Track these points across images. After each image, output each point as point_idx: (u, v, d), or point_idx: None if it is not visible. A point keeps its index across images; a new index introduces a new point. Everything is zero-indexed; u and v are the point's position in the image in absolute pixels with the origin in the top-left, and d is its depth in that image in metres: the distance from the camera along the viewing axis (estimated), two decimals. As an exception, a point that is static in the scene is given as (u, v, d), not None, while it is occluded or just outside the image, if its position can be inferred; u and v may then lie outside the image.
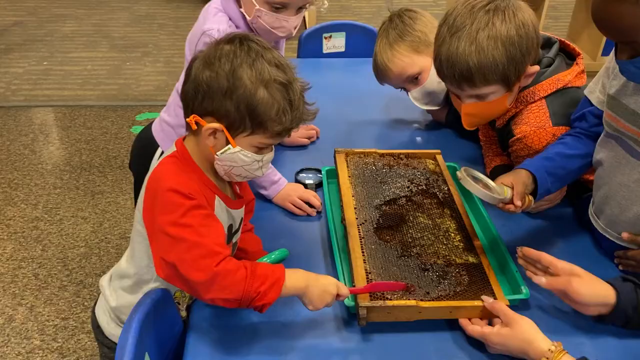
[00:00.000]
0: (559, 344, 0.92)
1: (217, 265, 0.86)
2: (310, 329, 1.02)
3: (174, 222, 0.87)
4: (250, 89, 0.87)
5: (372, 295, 1.00)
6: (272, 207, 1.32)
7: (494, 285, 1.05)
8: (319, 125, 1.59)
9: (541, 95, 1.24)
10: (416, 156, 1.39)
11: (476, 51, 1.13)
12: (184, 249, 0.87)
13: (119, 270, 1.06)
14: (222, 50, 0.90)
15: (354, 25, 2.13)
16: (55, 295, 2.02)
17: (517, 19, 1.14)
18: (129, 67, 3.65)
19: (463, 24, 1.15)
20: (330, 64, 2.04)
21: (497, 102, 1.21)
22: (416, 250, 1.12)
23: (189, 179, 0.93)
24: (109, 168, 2.69)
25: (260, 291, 0.88)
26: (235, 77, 0.87)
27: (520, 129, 1.25)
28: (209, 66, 0.89)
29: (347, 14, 4.49)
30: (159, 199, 0.90)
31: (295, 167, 1.42)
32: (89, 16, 4.34)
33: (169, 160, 0.96)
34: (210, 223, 0.91)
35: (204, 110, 0.90)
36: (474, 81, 1.16)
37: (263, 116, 0.89)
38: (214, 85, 0.88)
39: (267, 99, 0.88)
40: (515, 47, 1.14)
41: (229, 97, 0.88)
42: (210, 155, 0.94)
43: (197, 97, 0.90)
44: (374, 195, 1.25)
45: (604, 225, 1.16)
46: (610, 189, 1.11)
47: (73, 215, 2.40)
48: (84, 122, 3.06)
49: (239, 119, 0.89)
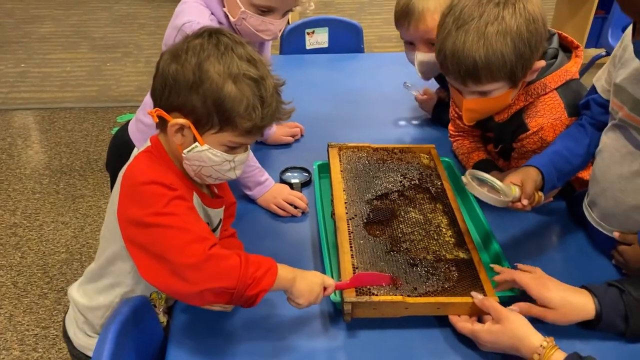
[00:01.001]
0: (551, 340, 0.89)
1: (210, 249, 0.82)
2: (295, 328, 0.99)
3: (157, 212, 0.83)
4: (217, 82, 0.84)
5: (358, 290, 0.97)
6: (257, 208, 1.28)
7: (484, 281, 1.02)
8: (303, 123, 1.55)
9: (552, 87, 1.20)
10: (410, 151, 1.36)
11: (484, 47, 1.07)
12: (171, 236, 0.82)
13: (89, 273, 1.02)
14: (190, 43, 0.86)
15: (336, 20, 2.10)
16: (35, 304, 1.96)
17: (528, 12, 1.09)
18: (109, 68, 3.58)
19: (471, 17, 1.09)
20: (313, 60, 2.01)
21: (500, 97, 1.17)
22: (406, 246, 1.09)
23: (166, 172, 0.89)
24: (89, 171, 2.63)
25: (256, 277, 0.84)
26: (202, 71, 0.84)
27: (537, 121, 1.21)
28: (175, 59, 0.85)
29: (330, 10, 4.46)
30: (138, 193, 0.85)
31: (280, 166, 1.39)
32: (67, 17, 4.26)
33: (144, 154, 0.92)
34: (194, 214, 0.88)
35: (170, 105, 0.87)
36: (479, 78, 1.11)
37: (231, 112, 0.85)
38: (180, 78, 0.84)
39: (235, 93, 0.84)
40: (525, 43, 1.09)
41: (195, 91, 0.84)
42: (179, 153, 0.90)
43: (164, 91, 0.86)
44: (366, 189, 1.22)
45: (597, 219, 1.14)
46: (607, 181, 1.09)
47: (53, 220, 2.33)
48: (64, 125, 2.99)
49: (206, 115, 0.85)
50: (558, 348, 0.88)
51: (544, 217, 1.28)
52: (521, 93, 1.22)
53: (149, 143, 0.94)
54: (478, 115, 1.23)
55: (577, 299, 0.96)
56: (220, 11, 1.26)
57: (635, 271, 1.08)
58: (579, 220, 1.21)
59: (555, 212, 1.29)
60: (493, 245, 1.14)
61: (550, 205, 1.30)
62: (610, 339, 0.97)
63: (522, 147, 1.25)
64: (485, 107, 1.19)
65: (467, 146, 1.40)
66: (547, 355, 0.87)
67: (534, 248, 1.19)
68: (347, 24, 2.09)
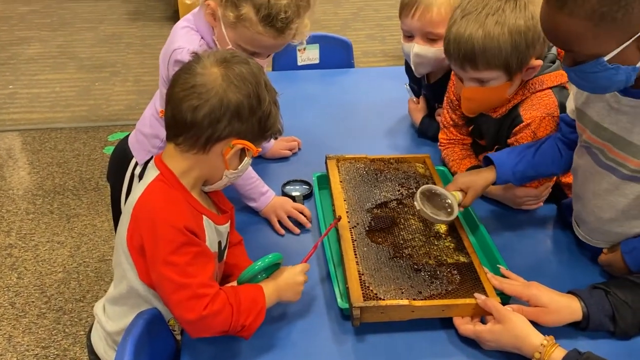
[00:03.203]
0: (551, 338, 0.93)
1: (205, 308, 0.88)
2: (304, 334, 1.02)
3: (162, 259, 0.88)
4: (269, 108, 0.95)
5: (365, 295, 1.01)
6: (261, 221, 1.31)
7: (485, 283, 1.06)
8: (299, 137, 1.59)
9: (548, 85, 1.27)
10: (406, 160, 1.41)
11: (483, 34, 1.16)
12: (170, 290, 0.88)
13: (110, 296, 1.04)
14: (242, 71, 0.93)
15: (327, 37, 2.15)
16: (34, 324, 1.95)
17: (528, 10, 1.17)
18: (98, 88, 3.59)
19: (475, 8, 1.19)
20: (305, 76, 2.05)
21: (497, 89, 1.24)
22: (408, 252, 1.13)
23: (180, 207, 0.92)
24: (83, 190, 2.64)
25: (246, 325, 0.92)
26: (260, 99, 0.94)
27: (531, 114, 1.27)
28: (236, 88, 0.91)
29: (315, 27, 4.50)
30: (150, 229, 0.89)
31: (280, 180, 1.42)
32: (53, 38, 4.27)
33: (156, 185, 0.94)
34: (199, 261, 0.91)
35: (230, 132, 0.92)
36: (476, 63, 1.19)
37: (271, 129, 0.98)
38: (245, 105, 0.92)
39: (275, 114, 0.97)
40: (522, 36, 1.17)
41: (253, 115, 0.93)
42: (209, 171, 0.96)
43: (223, 120, 0.91)
44: (366, 199, 1.26)
45: (584, 234, 1.19)
46: (585, 198, 1.14)
47: (48, 240, 2.33)
48: (55, 145, 2.99)
49: (257, 135, 0.96)
50: (558, 346, 0.92)
51: (537, 220, 1.33)
52: (519, 89, 1.28)
53: (156, 169, 0.95)
54: (476, 106, 1.30)
55: (564, 299, 1.01)
56: (210, 37, 1.29)
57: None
58: (569, 226, 1.26)
59: (548, 216, 1.34)
60: (490, 248, 1.18)
61: (543, 210, 1.35)
62: (607, 337, 1.01)
63: (517, 142, 1.29)
64: (483, 97, 1.27)
65: (458, 153, 1.46)
66: (547, 353, 0.91)
67: (527, 251, 1.24)
68: (338, 40, 2.14)
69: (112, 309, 1.03)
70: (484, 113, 1.34)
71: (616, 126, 1.03)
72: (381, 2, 4.93)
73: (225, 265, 1.09)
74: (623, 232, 1.10)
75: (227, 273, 1.09)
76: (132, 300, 0.99)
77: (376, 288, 1.03)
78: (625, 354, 0.99)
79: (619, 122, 1.02)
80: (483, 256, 1.19)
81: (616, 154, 1.04)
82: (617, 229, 1.10)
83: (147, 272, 0.93)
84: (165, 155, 0.96)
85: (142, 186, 0.95)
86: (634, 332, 1.00)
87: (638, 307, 0.99)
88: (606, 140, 1.05)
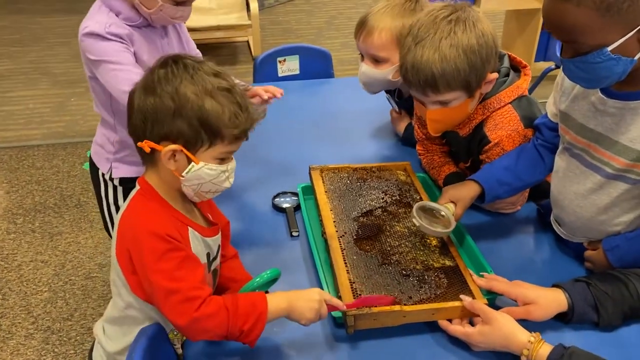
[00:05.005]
0: (537, 335, 0.98)
1: (197, 310, 0.88)
2: (302, 344, 1.04)
3: (150, 267, 0.89)
4: (197, 102, 0.89)
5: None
6: (251, 231, 1.33)
7: (472, 285, 1.11)
8: (283, 147, 1.62)
9: (506, 101, 1.32)
10: (387, 168, 1.45)
11: (440, 59, 1.19)
12: (162, 297, 0.89)
13: (109, 316, 1.05)
14: (158, 74, 0.91)
15: (306, 48, 2.19)
16: (22, 345, 1.94)
17: (477, 29, 1.21)
18: (74, 103, 3.56)
19: (427, 33, 1.21)
20: (286, 87, 2.06)
21: (459, 107, 1.28)
22: (395, 258, 1.17)
23: (160, 217, 0.94)
24: (65, 207, 2.62)
25: (244, 330, 0.91)
26: (180, 95, 0.89)
27: (497, 134, 1.32)
28: (150, 92, 0.90)
29: (290, 36, 4.56)
30: (134, 242, 0.91)
31: (269, 192, 1.44)
32: (24, 54, 4.21)
33: (137, 199, 0.97)
34: (187, 265, 0.92)
35: (157, 136, 0.91)
36: (437, 87, 1.22)
37: (217, 125, 0.91)
38: (161, 108, 0.90)
39: (216, 107, 0.90)
40: (476, 54, 1.21)
41: (179, 116, 0.89)
42: (175, 180, 0.94)
43: (147, 125, 0.91)
44: (351, 208, 1.30)
45: (565, 232, 1.24)
46: (565, 199, 1.19)
47: (32, 259, 2.31)
48: (33, 163, 2.96)
49: (194, 135, 0.91)
50: (545, 342, 0.97)
51: (518, 221, 1.38)
52: (479, 107, 1.33)
53: (138, 186, 0.98)
54: (442, 126, 1.34)
55: (550, 293, 1.06)
56: (121, 6, 1.35)
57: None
58: (549, 225, 1.31)
59: (530, 216, 1.40)
60: (474, 251, 1.22)
61: (525, 210, 1.40)
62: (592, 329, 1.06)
63: (488, 158, 1.35)
64: (447, 116, 1.30)
65: (436, 161, 1.50)
66: (535, 350, 0.95)
67: (511, 253, 1.28)
68: (317, 51, 2.19)
69: (112, 328, 1.05)
70: (451, 130, 1.38)
71: (602, 127, 1.08)
72: (353, 11, 5.00)
73: (221, 278, 1.11)
74: (604, 230, 1.15)
75: (223, 286, 1.11)
76: (130, 318, 1.00)
77: (368, 295, 1.06)
78: (609, 345, 1.03)
79: (604, 123, 1.07)
80: (468, 260, 1.23)
81: (602, 153, 1.09)
82: (599, 227, 1.15)
83: (139, 285, 0.94)
84: (145, 173, 0.99)
85: (126, 204, 0.98)
86: (616, 322, 1.06)
87: (617, 298, 1.05)
88: (592, 140, 1.10)
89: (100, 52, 1.33)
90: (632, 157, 1.04)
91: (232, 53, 4.27)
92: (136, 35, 1.38)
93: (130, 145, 1.00)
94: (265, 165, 1.57)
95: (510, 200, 1.35)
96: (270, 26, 4.72)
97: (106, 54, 1.33)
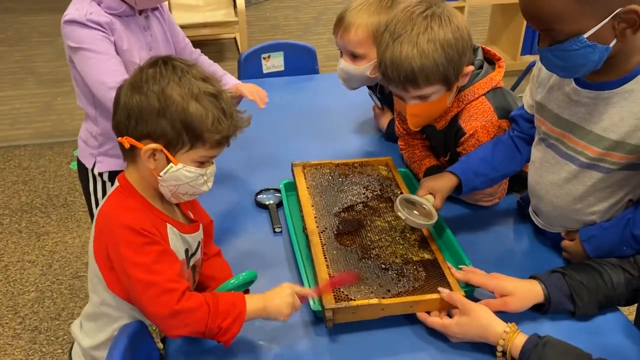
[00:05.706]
0: (513, 325, 1.00)
1: (178, 302, 0.89)
2: (281, 338, 1.06)
3: (127, 261, 0.90)
4: (181, 104, 0.90)
5: (336, 297, 1.04)
6: (234, 228, 1.34)
7: (449, 278, 1.12)
8: (267, 144, 1.62)
9: (480, 93, 1.34)
10: (369, 164, 1.46)
11: (418, 54, 1.21)
12: (140, 289, 0.90)
13: (86, 313, 1.06)
14: (147, 73, 0.92)
15: (290, 44, 2.20)
16: (9, 345, 1.94)
17: (453, 23, 1.23)
18: (60, 103, 3.55)
19: (404, 29, 1.22)
20: (271, 84, 2.08)
21: (438, 101, 1.30)
22: (375, 252, 1.18)
23: (137, 213, 0.95)
24: (51, 207, 2.61)
25: (223, 327, 0.93)
26: (166, 96, 0.90)
27: (471, 125, 1.34)
28: (137, 90, 0.91)
29: (277, 33, 4.56)
30: (111, 236, 0.92)
31: (252, 188, 1.45)
32: (9, 54, 4.19)
33: (114, 195, 0.98)
34: (164, 259, 0.93)
35: (139, 133, 0.92)
36: (417, 82, 1.24)
37: (200, 128, 0.92)
38: (146, 107, 0.90)
39: (201, 111, 0.91)
40: (453, 48, 1.22)
41: (163, 116, 0.90)
42: (153, 179, 0.95)
43: (130, 122, 0.92)
44: (333, 203, 1.31)
45: (543, 222, 1.26)
46: (542, 189, 1.21)
47: (19, 260, 2.31)
48: (19, 163, 2.95)
49: (176, 136, 0.91)
50: (520, 332, 0.98)
51: (497, 213, 1.40)
52: (454, 100, 1.34)
53: (118, 183, 0.99)
54: (422, 120, 1.36)
55: (527, 285, 1.08)
56: None
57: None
58: (527, 216, 1.33)
59: (509, 208, 1.41)
60: (453, 244, 1.24)
61: (503, 202, 1.42)
62: (567, 319, 1.08)
63: (464, 150, 1.37)
64: (426, 111, 1.32)
65: (417, 155, 1.52)
66: (510, 340, 0.97)
67: (490, 245, 1.30)
68: (301, 47, 2.19)
69: (88, 324, 1.05)
70: (429, 124, 1.40)
71: (576, 117, 1.10)
72: (341, 6, 4.96)
73: (202, 276, 1.11)
74: (580, 219, 1.17)
75: (204, 284, 1.11)
76: (105, 315, 1.01)
77: (347, 289, 1.07)
78: (585, 333, 1.06)
79: (578, 113, 1.09)
80: (447, 253, 1.25)
81: (576, 143, 1.11)
82: (575, 216, 1.17)
83: (115, 281, 0.95)
84: (126, 169, 1.00)
85: (104, 200, 0.99)
86: (592, 311, 1.08)
87: (592, 287, 1.07)
88: (566, 130, 1.12)
89: (79, 39, 1.34)
90: (605, 146, 1.06)
91: (219, 50, 4.27)
92: (117, 24, 1.38)
93: (113, 138, 1.00)
94: (248, 162, 1.58)
95: (488, 191, 1.37)
96: (257, 22, 4.72)
97: (85, 41, 1.33)
